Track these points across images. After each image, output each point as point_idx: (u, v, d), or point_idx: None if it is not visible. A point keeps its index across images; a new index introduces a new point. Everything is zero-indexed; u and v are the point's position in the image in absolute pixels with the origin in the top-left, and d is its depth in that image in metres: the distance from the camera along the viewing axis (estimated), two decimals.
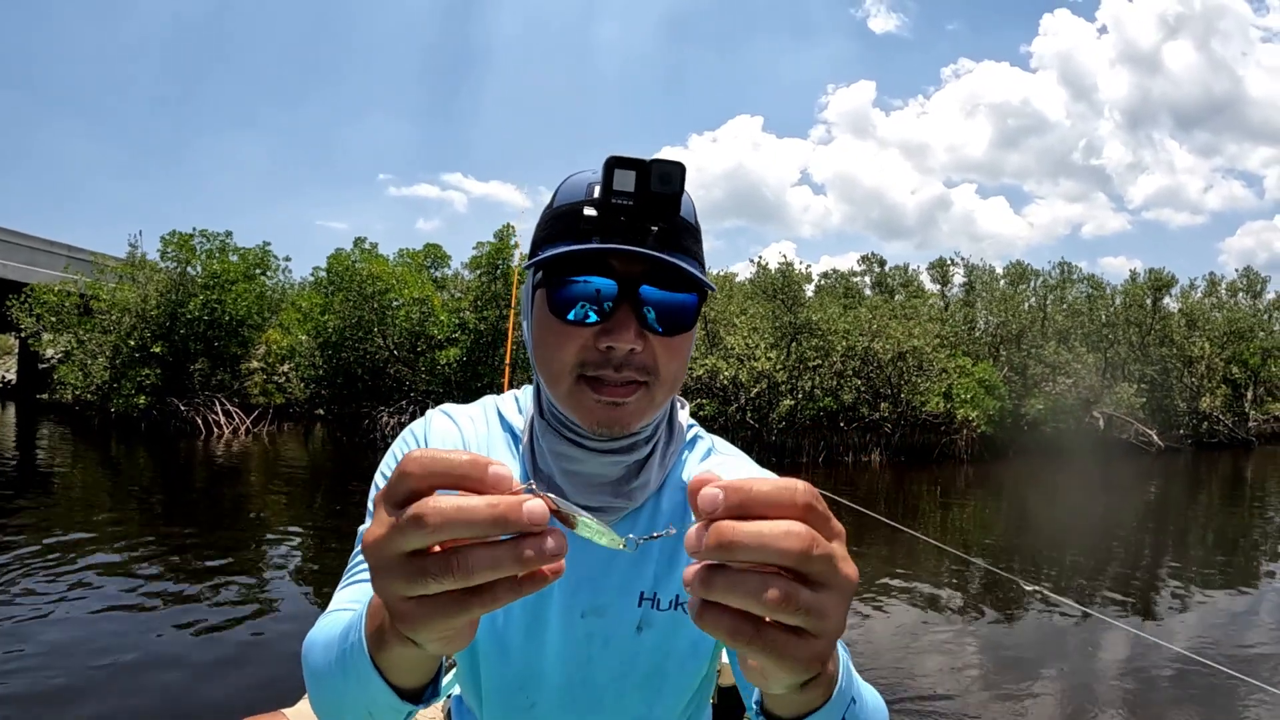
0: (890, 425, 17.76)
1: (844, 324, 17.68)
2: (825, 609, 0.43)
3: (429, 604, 0.44)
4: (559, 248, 0.79)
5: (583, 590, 0.90)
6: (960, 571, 7.65)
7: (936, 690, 4.69)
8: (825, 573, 0.43)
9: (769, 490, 0.42)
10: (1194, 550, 9.57)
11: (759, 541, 0.41)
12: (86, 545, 7.07)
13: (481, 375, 16.81)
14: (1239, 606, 6.79)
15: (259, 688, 4.25)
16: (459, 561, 0.42)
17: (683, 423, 0.99)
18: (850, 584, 0.44)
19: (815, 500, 0.43)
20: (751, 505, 0.42)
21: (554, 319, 0.81)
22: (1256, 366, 24.79)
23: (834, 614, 0.44)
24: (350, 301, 16.65)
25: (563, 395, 0.84)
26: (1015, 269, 23.53)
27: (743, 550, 0.41)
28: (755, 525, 0.41)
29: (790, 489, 0.43)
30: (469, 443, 0.97)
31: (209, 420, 17.81)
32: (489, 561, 0.42)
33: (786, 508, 0.42)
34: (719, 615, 0.42)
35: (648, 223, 0.78)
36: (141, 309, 17.58)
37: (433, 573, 0.43)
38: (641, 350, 0.80)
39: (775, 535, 0.41)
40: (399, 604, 0.45)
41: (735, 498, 0.42)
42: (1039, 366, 19.32)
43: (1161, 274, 23.68)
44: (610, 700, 0.92)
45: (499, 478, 0.42)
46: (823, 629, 0.44)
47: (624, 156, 0.75)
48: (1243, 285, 29.49)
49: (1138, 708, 4.53)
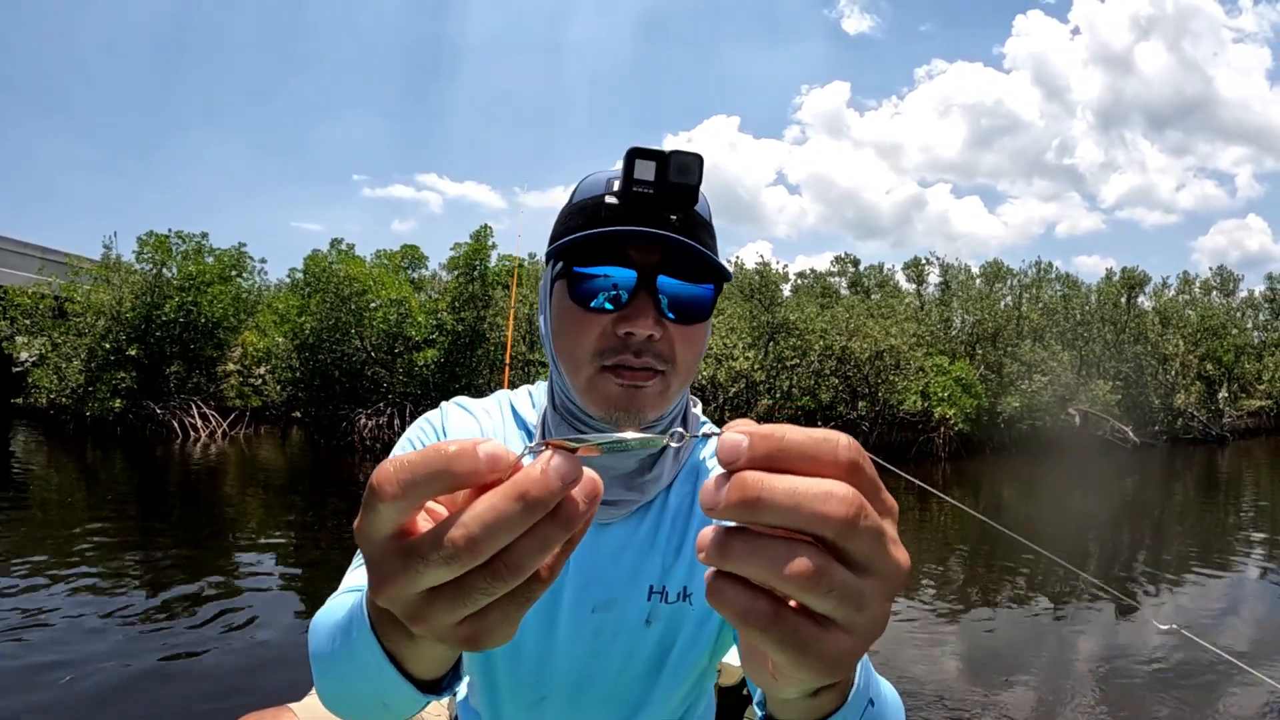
0: (868, 424, 17.87)
1: (821, 323, 17.77)
2: (863, 597, 0.35)
3: (484, 614, 0.38)
4: (578, 235, 0.81)
5: (593, 585, 0.91)
6: (936, 568, 7.73)
7: (919, 679, 4.70)
8: (871, 553, 0.35)
9: (805, 440, 0.34)
10: (1170, 541, 9.73)
11: (792, 500, 0.33)
12: (62, 551, 6.99)
13: (459, 376, 16.76)
14: (1215, 592, 6.92)
15: (253, 688, 4.23)
16: (506, 563, 0.36)
17: (698, 418, 1.01)
18: (900, 571, 0.36)
19: (863, 459, 0.35)
20: (784, 457, 0.34)
21: (574, 307, 0.82)
22: (1230, 363, 25.14)
23: (874, 606, 0.35)
24: (327, 303, 16.55)
25: (583, 384, 0.85)
26: (991, 268, 23.78)
27: (770, 510, 0.33)
28: (790, 479, 0.33)
29: (831, 440, 0.35)
30: (485, 434, 0.96)
31: (185, 424, 17.67)
32: (537, 546, 0.36)
33: (827, 464, 0.34)
34: (734, 591, 0.35)
35: (666, 212, 0.80)
36: (116, 311, 17.39)
37: (481, 588, 0.36)
38: (660, 338, 0.82)
39: (813, 494, 0.33)
40: (451, 632, 0.39)
41: (764, 446, 0.34)
42: (1015, 365, 19.50)
43: (1135, 272, 24.02)
44: (615, 692, 0.92)
45: (494, 456, 0.36)
46: (856, 623, 0.35)
47: (644, 147, 0.77)
48: (1216, 284, 29.91)
49: (1120, 691, 4.60)
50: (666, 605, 0.90)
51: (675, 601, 0.90)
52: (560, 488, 0.35)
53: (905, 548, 0.37)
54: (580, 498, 0.36)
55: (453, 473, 0.35)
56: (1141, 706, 4.42)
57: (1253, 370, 27.02)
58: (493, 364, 17.01)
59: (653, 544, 0.92)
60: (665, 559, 0.91)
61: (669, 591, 0.90)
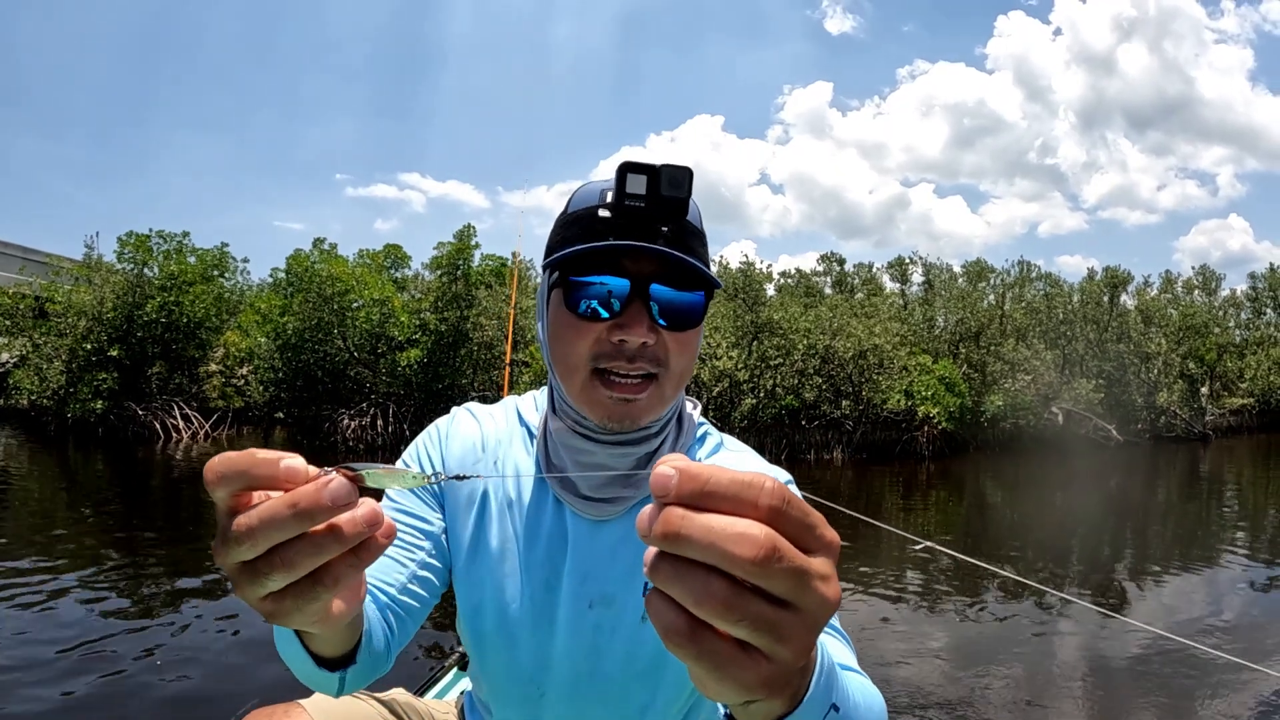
0: (852, 423, 17.94)
1: (805, 323, 17.82)
2: (781, 628, 0.37)
3: (280, 598, 0.45)
4: (575, 248, 0.84)
5: (590, 581, 0.93)
6: (924, 562, 7.78)
7: (903, 680, 4.72)
8: (789, 590, 0.36)
9: (730, 484, 0.36)
10: (1153, 537, 9.83)
11: (707, 539, 0.35)
12: (42, 555, 6.96)
13: (443, 376, 16.75)
14: (1197, 587, 6.99)
15: (261, 683, 4.22)
16: (282, 558, 0.42)
17: (694, 419, 1.03)
18: (825, 607, 0.38)
19: (784, 502, 0.37)
20: (708, 498, 0.36)
21: (570, 315, 0.86)
22: (1212, 362, 25.34)
23: (795, 638, 0.37)
24: (310, 303, 16.51)
25: (577, 390, 0.88)
26: (974, 267, 23.88)
27: (688, 545, 0.36)
28: (707, 518, 0.36)
29: (755, 485, 0.36)
30: (488, 438, 1.02)
31: (167, 425, 17.59)
32: (311, 550, 0.42)
33: (748, 507, 0.36)
34: (661, 606, 0.38)
35: (658, 224, 0.83)
36: (98, 312, 17.27)
37: (264, 573, 0.43)
38: (653, 344, 0.85)
39: (726, 535, 0.35)
40: (257, 605, 0.46)
41: (689, 486, 0.37)
42: (998, 364, 19.59)
43: (1118, 272, 24.16)
44: (616, 689, 0.93)
45: (291, 470, 0.42)
46: (776, 651, 0.38)
47: (636, 162, 0.80)
48: (1199, 283, 30.12)
49: (1102, 687, 4.64)
50: None
51: None
52: (329, 505, 0.41)
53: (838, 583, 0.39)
54: (351, 523, 0.42)
55: (253, 475, 0.43)
56: (1113, 701, 4.46)
57: (1235, 368, 27.23)
58: (476, 364, 17.00)
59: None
60: None
61: None
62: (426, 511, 0.97)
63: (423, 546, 0.95)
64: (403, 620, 0.91)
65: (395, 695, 1.19)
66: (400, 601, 0.91)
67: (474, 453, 1.01)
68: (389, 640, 0.88)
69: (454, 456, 1.02)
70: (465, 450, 1.02)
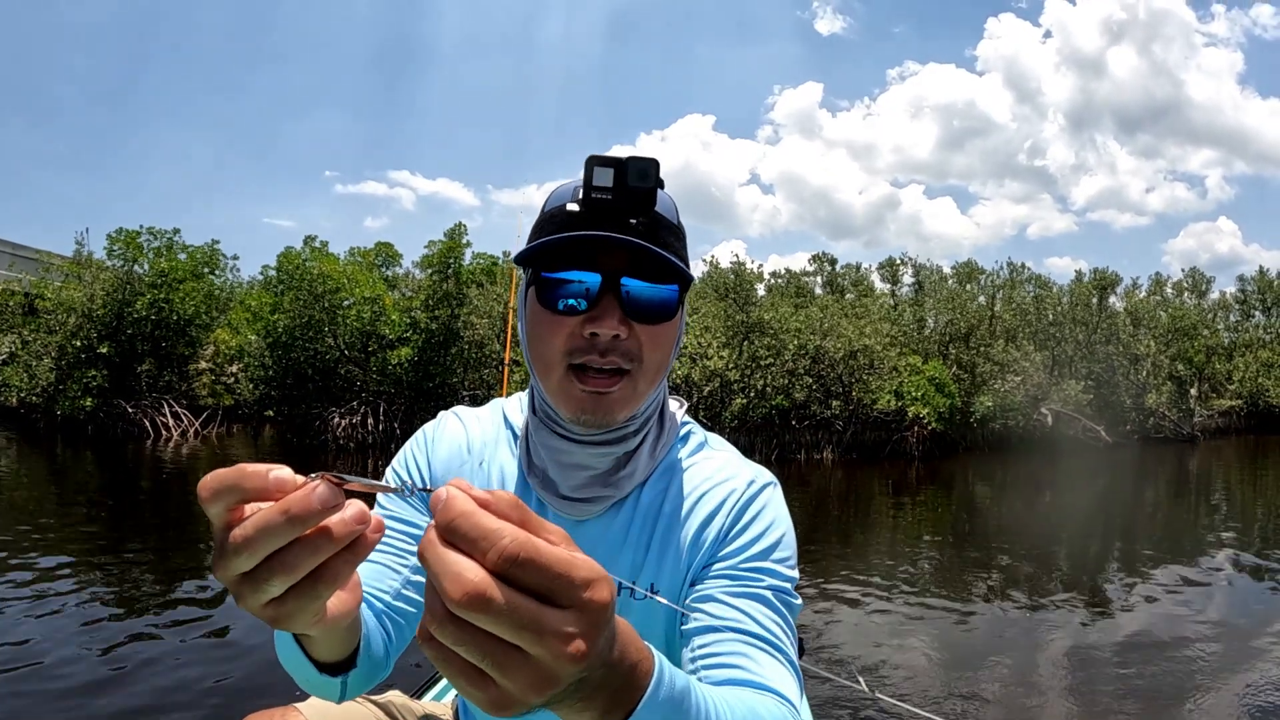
0: (842, 423, 18.00)
1: (796, 323, 17.86)
2: (507, 667, 0.39)
3: (281, 603, 0.47)
4: (541, 240, 0.85)
5: None
6: (913, 562, 7.85)
7: (893, 682, 4.69)
8: (512, 635, 0.39)
9: (469, 527, 0.39)
10: (1141, 537, 9.87)
11: (433, 568, 0.39)
12: (30, 554, 6.90)
13: (434, 375, 16.74)
14: (1184, 587, 7.01)
15: (257, 687, 4.18)
16: (281, 562, 0.44)
17: (676, 417, 1.03)
18: (560, 659, 0.39)
19: (518, 558, 0.38)
20: (449, 532, 0.39)
21: (543, 310, 0.86)
22: (1201, 364, 25.49)
23: (520, 672, 0.39)
24: (300, 301, 16.45)
25: (553, 386, 0.89)
26: (964, 268, 23.97)
27: (426, 567, 0.39)
28: (439, 551, 0.39)
29: (491, 536, 0.39)
30: (474, 441, 1.03)
31: (157, 422, 17.54)
32: (308, 552, 0.44)
33: (479, 554, 0.39)
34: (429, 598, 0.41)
35: (627, 216, 0.83)
36: (87, 308, 17.19)
37: (264, 579, 0.45)
38: (626, 337, 0.85)
39: (444, 571, 0.38)
40: (260, 612, 0.48)
41: (441, 518, 0.40)
42: (987, 365, 19.66)
43: (1106, 274, 24.26)
44: None
45: (280, 480, 0.44)
46: (501, 681, 0.40)
47: (602, 155, 0.80)
48: (1188, 285, 30.30)
49: (1089, 687, 4.65)
50: (635, 601, 0.92)
51: (643, 598, 0.91)
52: (319, 509, 0.43)
53: (589, 643, 0.40)
54: (341, 522, 0.44)
55: (244, 488, 0.45)
56: (1101, 701, 4.48)
57: (1223, 370, 27.40)
58: (467, 362, 16.99)
59: (625, 540, 0.94)
60: (635, 555, 0.93)
61: (638, 587, 0.92)
62: (416, 517, 0.99)
63: (414, 551, 0.96)
64: (399, 625, 0.93)
65: (392, 698, 1.21)
66: (396, 607, 0.93)
67: (460, 456, 1.03)
68: (387, 646, 0.90)
69: (440, 461, 1.03)
70: (451, 454, 1.03)
